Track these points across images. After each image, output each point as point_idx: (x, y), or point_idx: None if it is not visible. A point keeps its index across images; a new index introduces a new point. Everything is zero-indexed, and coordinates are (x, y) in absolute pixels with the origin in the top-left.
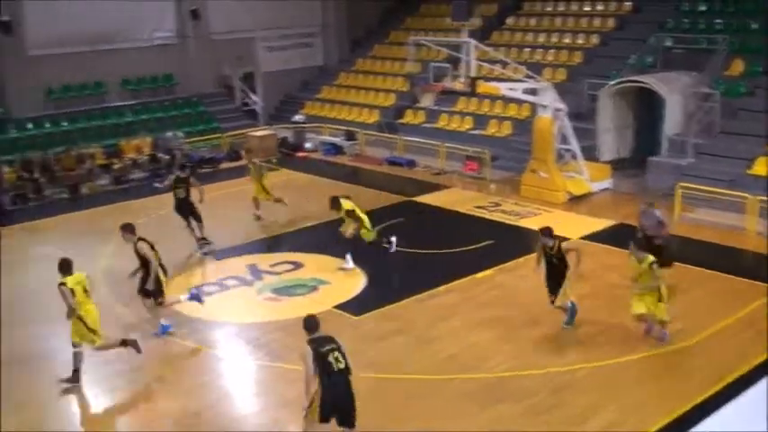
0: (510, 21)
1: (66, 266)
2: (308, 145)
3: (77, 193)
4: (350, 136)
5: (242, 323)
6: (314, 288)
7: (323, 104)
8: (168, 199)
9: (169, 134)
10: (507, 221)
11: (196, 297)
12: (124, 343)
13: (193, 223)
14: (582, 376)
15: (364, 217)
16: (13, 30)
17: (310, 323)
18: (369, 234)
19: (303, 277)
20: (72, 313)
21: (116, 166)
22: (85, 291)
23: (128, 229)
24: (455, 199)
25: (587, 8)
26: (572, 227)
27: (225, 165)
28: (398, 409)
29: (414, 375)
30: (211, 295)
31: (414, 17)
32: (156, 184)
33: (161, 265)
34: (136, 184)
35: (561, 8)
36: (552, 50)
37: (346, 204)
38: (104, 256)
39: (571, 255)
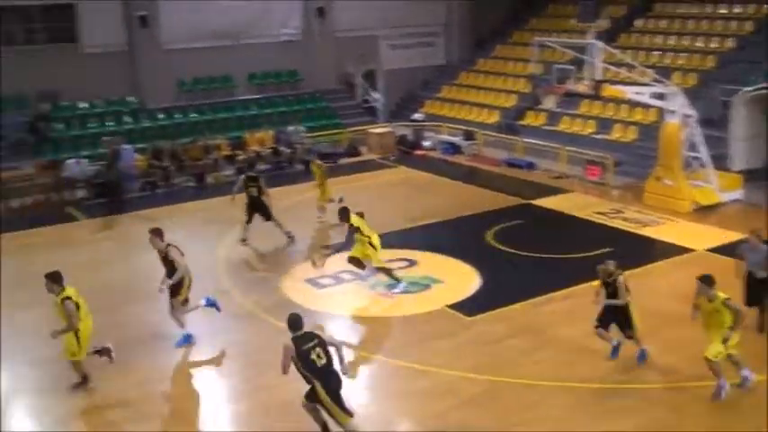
0: (639, 23)
1: (59, 279)
2: (426, 143)
3: (203, 182)
4: (468, 136)
5: (354, 317)
6: (426, 286)
7: (443, 103)
8: (289, 191)
9: (291, 128)
10: (628, 229)
11: (213, 304)
12: (98, 352)
13: (273, 222)
14: (703, 395)
15: (374, 238)
16: (149, 24)
17: (294, 322)
18: (374, 257)
19: (416, 275)
20: (71, 328)
21: (240, 158)
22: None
23: (156, 233)
24: (575, 204)
25: (723, 10)
26: (697, 238)
27: (344, 160)
28: (511, 414)
29: (527, 380)
30: (326, 288)
31: (539, 18)
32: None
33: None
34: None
35: (695, 10)
36: (683, 54)
37: (355, 220)
38: (224, 245)
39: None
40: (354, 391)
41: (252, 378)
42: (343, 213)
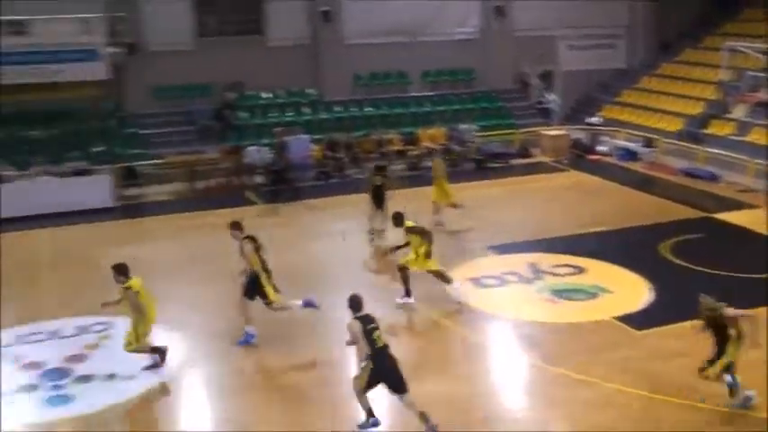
0: None
1: (125, 270)
2: (601, 148)
3: None
4: (648, 142)
5: (517, 320)
6: (594, 295)
7: (622, 108)
8: (455, 189)
9: (464, 126)
10: None
11: (310, 304)
12: (155, 350)
13: (379, 212)
14: None
15: (422, 248)
16: (331, 19)
17: (355, 302)
18: (421, 264)
19: (584, 282)
20: (139, 314)
21: (411, 153)
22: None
23: (235, 227)
24: (760, 221)
25: None
26: None
27: (515, 161)
28: None
29: (692, 402)
30: (490, 288)
31: (733, 22)
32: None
33: (266, 269)
34: (429, 172)
35: None
36: None
37: (410, 225)
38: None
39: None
40: (511, 394)
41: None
42: (398, 218)
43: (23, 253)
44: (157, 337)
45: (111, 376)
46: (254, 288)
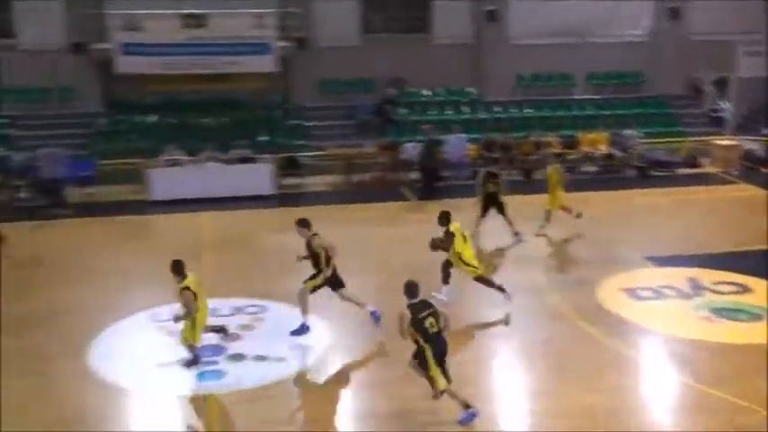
0: None
1: (181, 268)
2: None
3: (529, 178)
4: None
5: (670, 335)
6: (758, 317)
7: None
8: (615, 197)
9: (627, 132)
10: None
11: (375, 315)
12: (215, 330)
13: (505, 219)
14: None
15: (466, 253)
16: (497, 19)
17: (411, 288)
18: (467, 268)
19: (748, 302)
20: (188, 317)
21: (570, 157)
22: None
23: (302, 224)
24: None
25: None
26: None
27: (681, 170)
28: None
29: None
30: (645, 300)
31: None
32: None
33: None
34: (587, 177)
35: None
36: None
37: (455, 228)
38: (544, 242)
39: None
40: (657, 412)
41: (548, 379)
42: (444, 218)
43: (188, 234)
44: (314, 325)
45: (262, 357)
46: (336, 281)
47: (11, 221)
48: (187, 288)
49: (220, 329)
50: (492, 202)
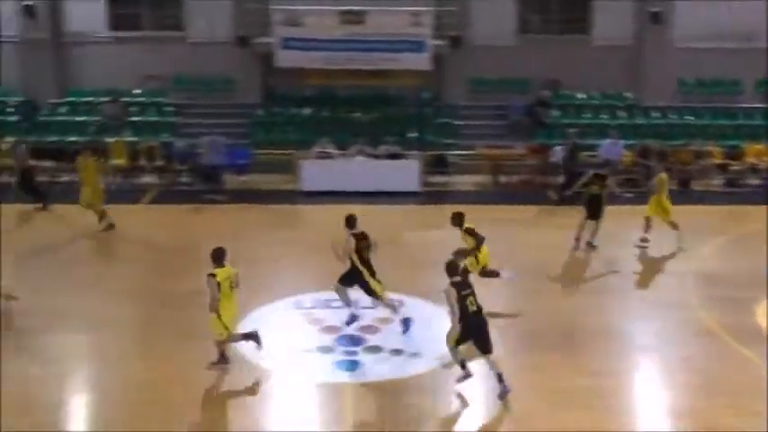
0: None
1: (219, 256)
2: None
3: (687, 188)
4: None
5: None
6: None
7: None
8: None
9: None
10: None
11: (406, 323)
12: (246, 336)
13: (591, 223)
14: None
15: (482, 254)
16: (661, 21)
17: (452, 267)
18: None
19: None
20: (211, 307)
21: (733, 168)
22: (231, 287)
23: (348, 223)
24: None
25: None
26: None
27: None
28: None
29: None
30: None
31: None
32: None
33: (369, 267)
34: (750, 190)
35: None
36: None
37: (470, 226)
38: (698, 257)
39: None
40: None
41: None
42: (457, 218)
43: (337, 226)
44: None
45: (398, 351)
46: (352, 279)
47: (170, 204)
48: (213, 275)
49: (252, 336)
50: (595, 206)
